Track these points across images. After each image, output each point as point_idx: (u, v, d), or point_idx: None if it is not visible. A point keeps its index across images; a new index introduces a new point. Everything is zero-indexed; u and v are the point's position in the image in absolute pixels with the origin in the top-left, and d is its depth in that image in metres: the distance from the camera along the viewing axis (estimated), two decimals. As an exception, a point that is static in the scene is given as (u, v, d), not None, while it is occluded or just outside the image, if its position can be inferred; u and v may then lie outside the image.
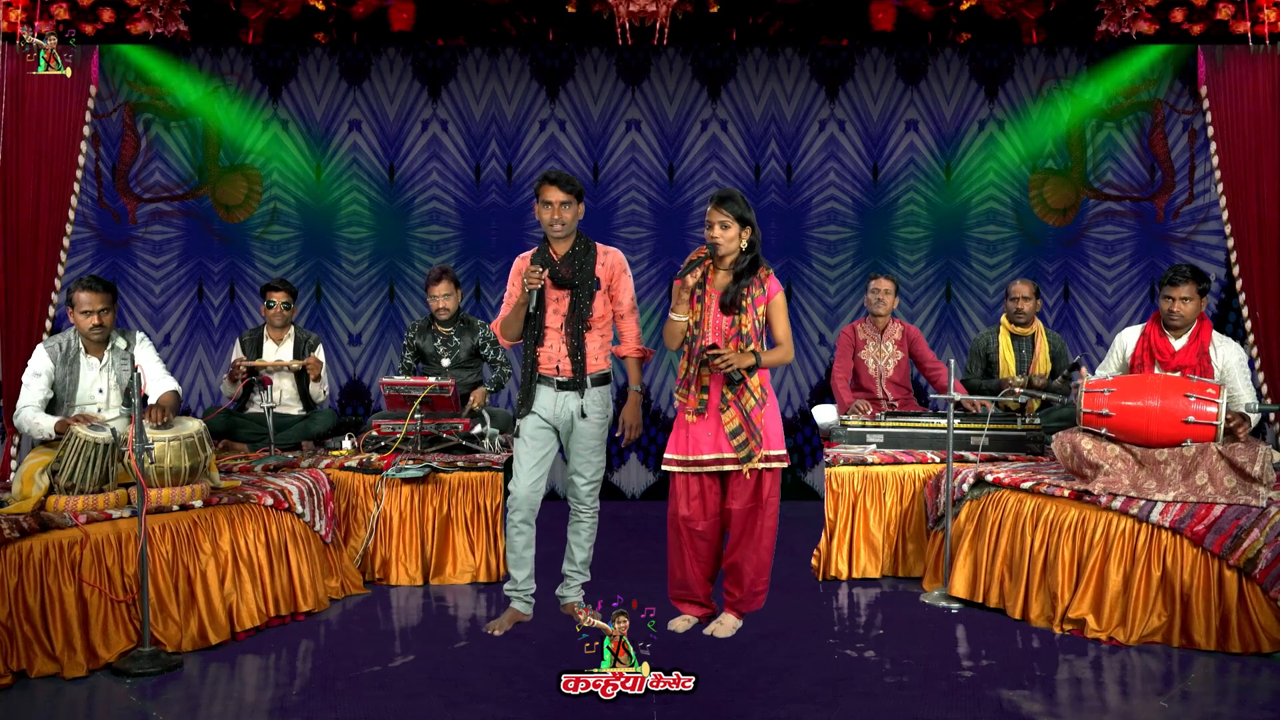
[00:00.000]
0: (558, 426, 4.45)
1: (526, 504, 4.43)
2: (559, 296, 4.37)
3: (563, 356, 4.38)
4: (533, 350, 4.42)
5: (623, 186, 7.18)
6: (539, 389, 4.43)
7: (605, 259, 4.42)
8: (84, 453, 4.17)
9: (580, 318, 4.35)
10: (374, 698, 3.75)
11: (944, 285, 7.22)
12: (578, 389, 4.39)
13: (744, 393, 4.20)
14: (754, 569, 4.33)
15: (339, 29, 6.10)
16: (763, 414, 4.23)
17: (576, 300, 4.35)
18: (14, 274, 5.71)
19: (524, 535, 4.48)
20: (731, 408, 4.21)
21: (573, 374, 4.38)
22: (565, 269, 4.35)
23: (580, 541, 4.58)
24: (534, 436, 4.44)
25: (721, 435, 4.25)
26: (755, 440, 4.21)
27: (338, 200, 7.16)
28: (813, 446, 7.22)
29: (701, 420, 4.27)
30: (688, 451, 4.30)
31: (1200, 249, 6.94)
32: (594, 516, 4.58)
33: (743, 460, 4.23)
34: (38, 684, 3.84)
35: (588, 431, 4.43)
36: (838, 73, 7.13)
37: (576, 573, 4.60)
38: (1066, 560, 4.48)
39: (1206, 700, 3.79)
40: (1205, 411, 4.43)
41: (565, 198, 4.29)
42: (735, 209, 4.18)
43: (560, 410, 4.42)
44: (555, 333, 4.38)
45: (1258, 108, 5.85)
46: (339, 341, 7.23)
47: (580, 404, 4.40)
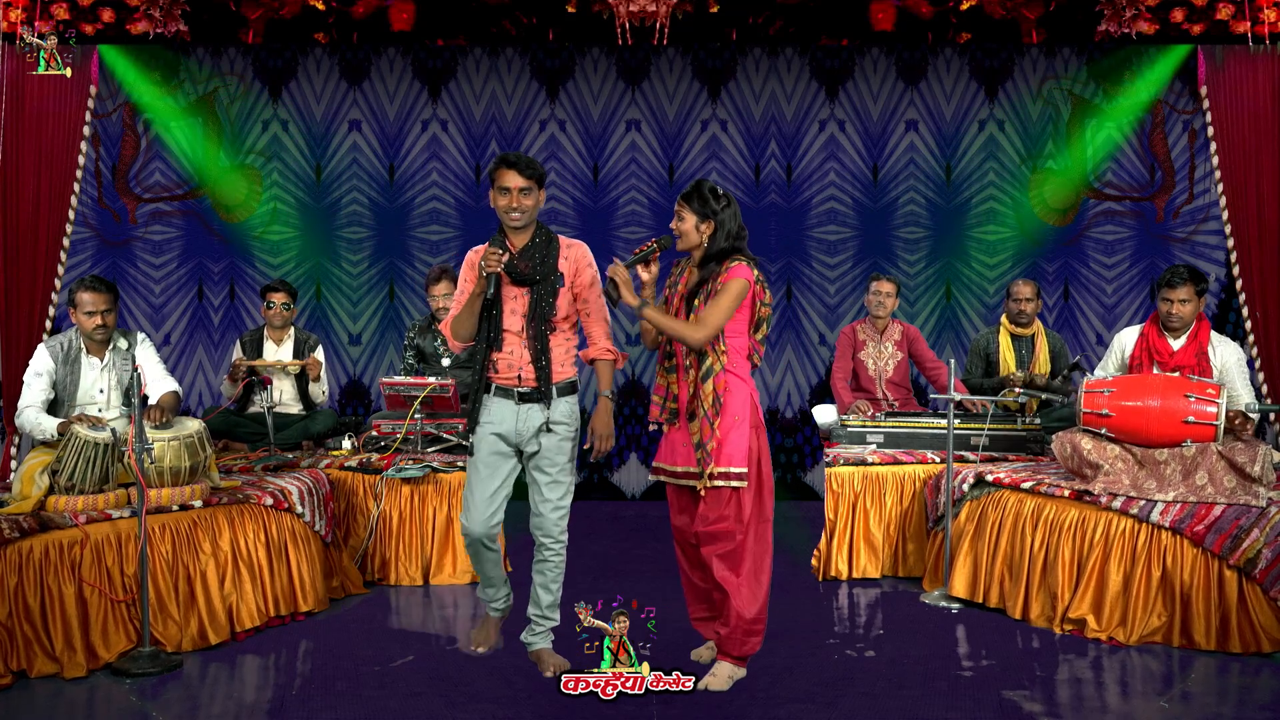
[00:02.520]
0: (520, 446, 3.89)
1: (485, 539, 3.91)
2: (517, 294, 3.84)
3: (524, 363, 3.83)
4: (487, 357, 3.86)
5: (623, 186, 7.18)
6: (495, 402, 3.88)
7: (568, 252, 3.90)
8: (84, 453, 4.17)
9: (543, 318, 3.82)
10: (374, 698, 3.75)
11: (944, 285, 7.22)
12: (543, 400, 3.84)
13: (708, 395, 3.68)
14: (740, 602, 3.72)
15: (339, 29, 6.10)
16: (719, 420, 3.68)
17: (538, 298, 3.82)
18: (14, 274, 5.72)
19: (484, 558, 3.97)
20: (697, 417, 3.71)
21: (536, 383, 3.82)
22: (524, 263, 3.82)
23: (547, 583, 3.94)
24: (490, 461, 3.88)
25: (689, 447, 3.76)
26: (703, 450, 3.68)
27: (338, 200, 7.17)
28: (813, 446, 7.23)
29: (674, 429, 3.81)
30: (664, 460, 3.87)
31: (1200, 249, 6.94)
32: (563, 551, 3.94)
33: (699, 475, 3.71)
34: (38, 684, 3.84)
35: (556, 448, 3.87)
36: (838, 73, 7.13)
37: (543, 618, 3.97)
38: (1066, 560, 4.48)
39: (1207, 700, 3.79)
40: (1205, 411, 4.43)
41: (525, 183, 3.78)
42: (695, 202, 3.76)
43: (523, 426, 3.85)
44: (514, 336, 3.84)
45: (1258, 108, 5.86)
46: (339, 341, 7.23)
47: (546, 417, 3.85)
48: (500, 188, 3.81)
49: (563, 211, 7.16)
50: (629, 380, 7.27)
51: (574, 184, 7.17)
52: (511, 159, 3.80)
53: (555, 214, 7.15)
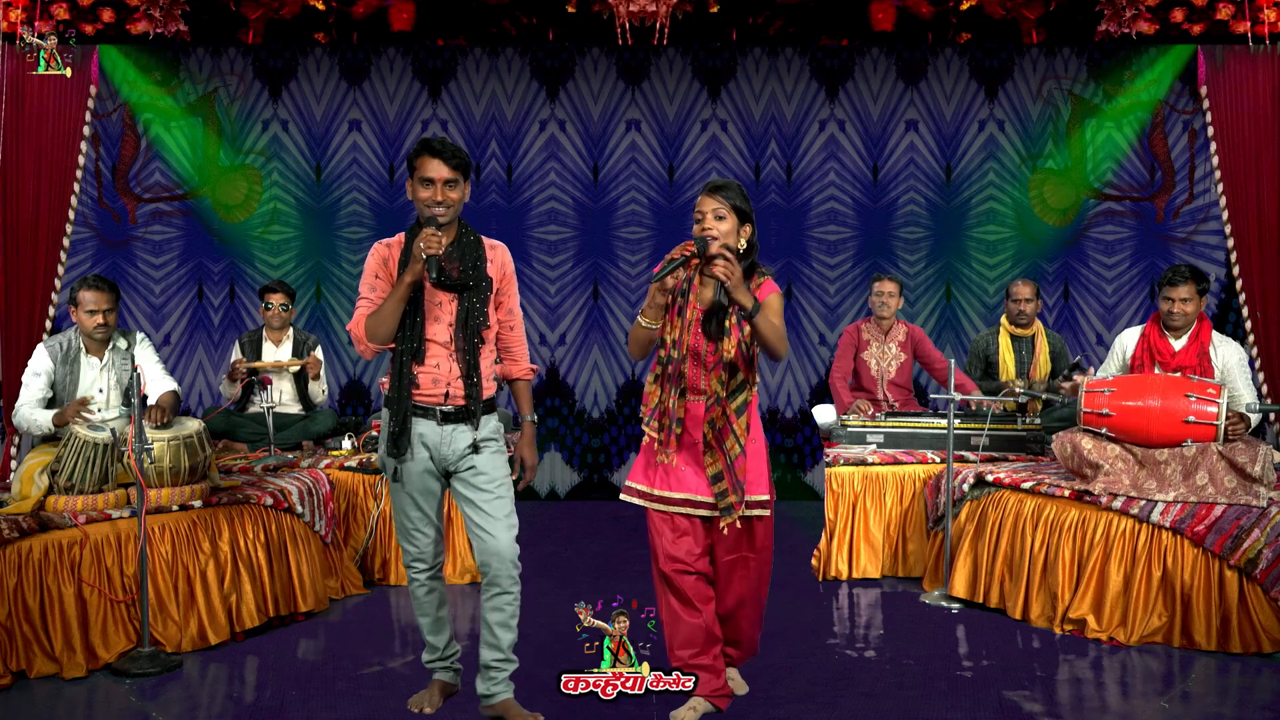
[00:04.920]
0: (448, 469, 3.45)
1: (433, 562, 3.55)
2: (442, 301, 3.38)
3: (453, 379, 3.38)
4: (408, 371, 3.38)
5: (623, 186, 7.18)
6: (417, 424, 3.40)
7: (494, 254, 3.46)
8: (84, 453, 4.17)
9: (475, 328, 3.38)
10: (374, 698, 3.75)
11: (944, 285, 7.22)
12: (469, 420, 3.40)
13: (728, 436, 3.42)
14: (751, 624, 3.68)
15: (339, 29, 6.10)
16: (745, 461, 3.44)
17: (469, 306, 3.38)
18: (14, 274, 5.71)
19: (435, 592, 3.58)
20: (715, 449, 3.44)
21: (465, 401, 3.39)
22: (452, 265, 3.36)
23: (504, 620, 3.46)
24: (423, 490, 3.46)
25: (699, 475, 3.49)
26: (737, 494, 3.42)
27: (338, 200, 7.16)
28: (813, 446, 7.23)
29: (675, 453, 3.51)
30: (653, 484, 3.55)
31: (1200, 249, 6.94)
32: (518, 585, 3.47)
33: (722, 512, 3.44)
34: (37, 684, 3.84)
35: (490, 461, 3.44)
36: (838, 73, 7.13)
37: (504, 661, 3.50)
38: (1067, 560, 4.48)
39: (1207, 700, 3.79)
40: (1205, 411, 4.43)
41: (451, 174, 3.30)
42: (734, 198, 3.37)
43: (448, 450, 3.41)
44: (441, 348, 3.38)
45: (1258, 108, 5.85)
46: (339, 341, 7.23)
47: (474, 438, 3.42)
48: (422, 178, 3.31)
49: (563, 211, 7.17)
50: (629, 379, 7.27)
51: (574, 184, 7.17)
52: (436, 145, 3.31)
53: (555, 214, 7.16)
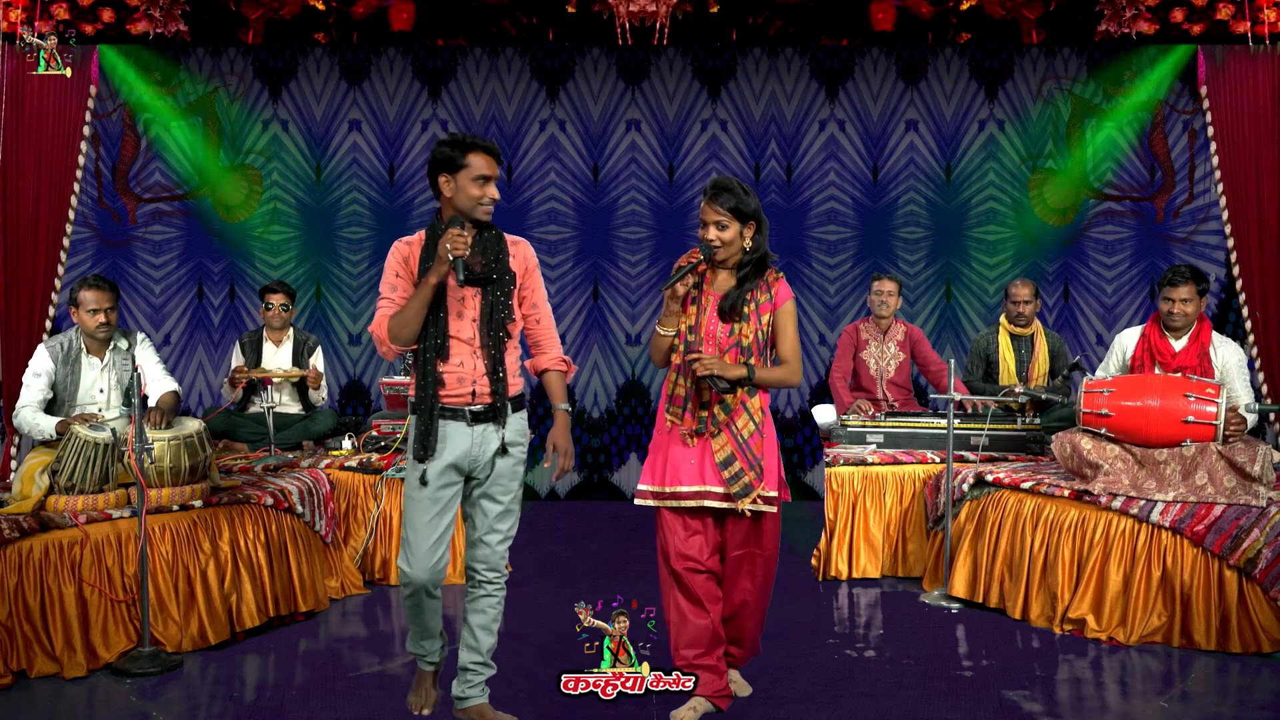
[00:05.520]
0: (473, 473, 3.40)
1: (430, 585, 3.42)
2: (465, 296, 3.36)
3: (479, 376, 3.34)
4: (433, 370, 3.33)
5: (623, 186, 7.18)
6: (447, 426, 3.35)
7: (516, 249, 3.48)
8: (84, 453, 4.17)
9: (499, 323, 3.36)
10: (374, 698, 3.76)
11: (944, 285, 7.22)
12: (497, 419, 3.37)
13: (740, 415, 3.45)
14: (755, 624, 3.69)
15: (339, 29, 6.10)
16: (761, 442, 3.47)
17: (493, 301, 3.37)
18: (14, 274, 5.72)
19: (436, 600, 3.48)
20: (724, 432, 3.45)
21: (492, 399, 3.35)
22: (476, 260, 3.36)
23: (488, 623, 3.48)
24: (440, 496, 3.35)
25: (708, 464, 3.47)
26: (754, 472, 3.44)
27: (338, 200, 7.16)
28: (813, 446, 7.22)
29: (683, 445, 3.51)
30: (663, 481, 3.54)
31: (1200, 249, 6.94)
32: (504, 590, 3.50)
33: (737, 495, 3.43)
34: (38, 684, 3.84)
35: (511, 473, 3.42)
36: (838, 73, 7.13)
37: (482, 665, 3.50)
38: (1066, 560, 4.48)
39: (1207, 700, 3.79)
40: (1205, 411, 4.43)
41: (498, 172, 3.39)
42: (731, 201, 3.42)
43: (479, 451, 3.36)
44: (464, 345, 3.34)
45: (1258, 108, 5.85)
46: (339, 341, 7.23)
47: (502, 437, 3.38)
48: (478, 175, 3.32)
49: (563, 211, 7.16)
50: (629, 380, 7.27)
51: (574, 184, 7.17)
52: (484, 143, 3.35)
53: (555, 214, 7.15)
